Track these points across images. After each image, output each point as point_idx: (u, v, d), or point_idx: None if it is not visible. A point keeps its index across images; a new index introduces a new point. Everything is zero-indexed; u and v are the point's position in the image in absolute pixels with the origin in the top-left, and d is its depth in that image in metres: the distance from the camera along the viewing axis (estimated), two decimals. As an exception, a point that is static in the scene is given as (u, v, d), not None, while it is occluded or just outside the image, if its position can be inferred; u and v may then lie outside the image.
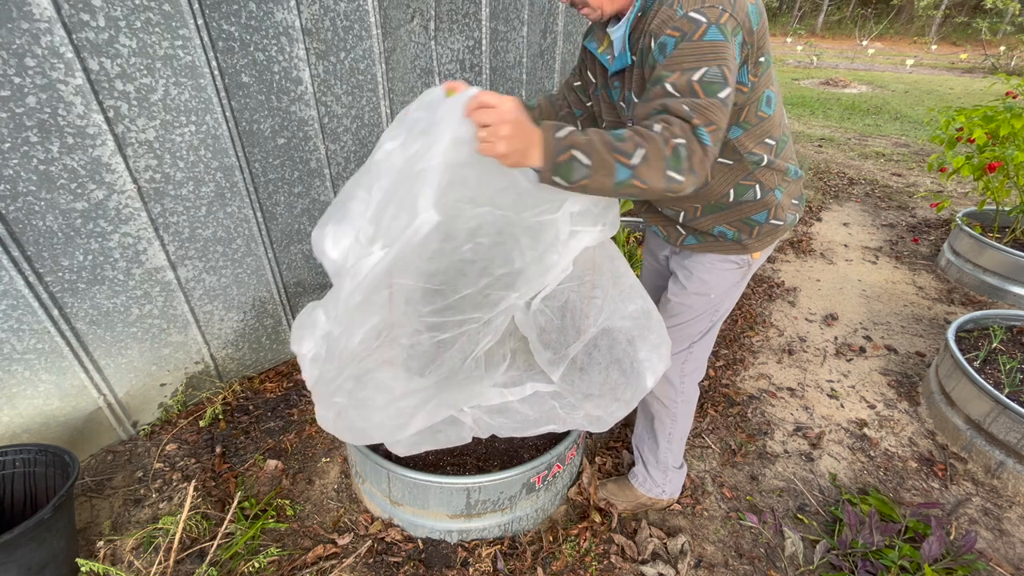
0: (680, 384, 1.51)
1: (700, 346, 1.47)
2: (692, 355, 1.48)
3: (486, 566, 1.54)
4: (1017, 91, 3.38)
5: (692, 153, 0.92)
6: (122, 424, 1.90)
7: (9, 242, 1.44)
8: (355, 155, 2.19)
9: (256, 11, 1.68)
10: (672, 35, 0.98)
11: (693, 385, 1.55)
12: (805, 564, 1.61)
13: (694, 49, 0.96)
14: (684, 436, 1.63)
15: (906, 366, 2.55)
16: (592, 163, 0.90)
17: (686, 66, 0.96)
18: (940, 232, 4.07)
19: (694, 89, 0.95)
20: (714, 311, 1.42)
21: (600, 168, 0.91)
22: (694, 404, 1.59)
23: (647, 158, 0.90)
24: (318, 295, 2.34)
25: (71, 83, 1.41)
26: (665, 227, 1.40)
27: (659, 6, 1.02)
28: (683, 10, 0.98)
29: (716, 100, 0.95)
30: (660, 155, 0.91)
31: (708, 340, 1.48)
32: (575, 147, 0.91)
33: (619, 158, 0.90)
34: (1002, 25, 16.77)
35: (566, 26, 3.18)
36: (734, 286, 1.40)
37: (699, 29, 0.96)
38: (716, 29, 0.96)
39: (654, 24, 1.02)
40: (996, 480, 1.91)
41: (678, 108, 0.94)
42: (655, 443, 1.64)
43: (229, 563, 1.50)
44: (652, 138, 0.92)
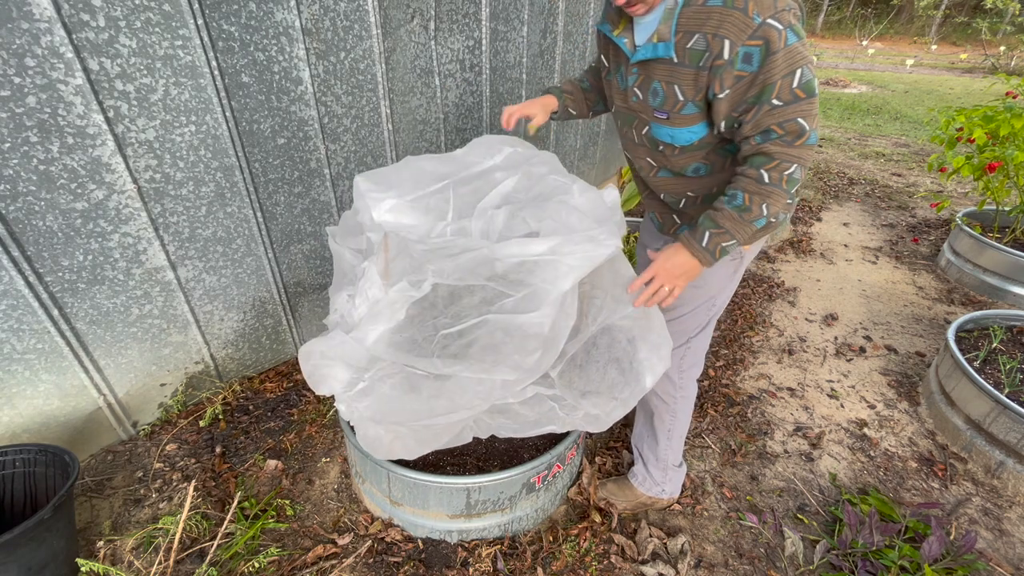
0: (679, 380, 1.52)
1: (698, 341, 1.48)
2: (690, 350, 1.49)
3: (486, 566, 1.54)
4: (1017, 91, 3.38)
5: (804, 163, 1.08)
6: (122, 424, 1.90)
7: (9, 242, 1.44)
8: (355, 155, 2.19)
9: (256, 11, 1.68)
10: (755, 44, 1.00)
11: (692, 381, 1.55)
12: (805, 564, 1.61)
13: (785, 57, 1.00)
14: (683, 433, 1.63)
15: (906, 366, 2.55)
16: (738, 238, 1.14)
17: (785, 73, 1.01)
18: (940, 232, 4.07)
19: (797, 95, 1.03)
20: (711, 305, 1.43)
21: (744, 236, 1.14)
22: (693, 400, 1.59)
23: (771, 204, 1.11)
24: (318, 295, 2.34)
25: (71, 83, 1.41)
26: (661, 214, 1.43)
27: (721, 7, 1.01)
28: (760, 17, 0.98)
29: (815, 96, 1.04)
30: (780, 193, 1.10)
31: (706, 335, 1.49)
32: (721, 242, 1.15)
33: (754, 220, 1.12)
34: (1002, 25, 16.77)
35: (566, 26, 3.18)
36: (729, 279, 1.41)
37: (781, 36, 0.99)
38: (792, 32, 1.00)
39: (723, 28, 1.01)
40: (996, 480, 1.91)
41: (791, 125, 1.05)
42: (655, 440, 1.64)
43: (229, 563, 1.50)
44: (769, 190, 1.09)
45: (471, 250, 1.15)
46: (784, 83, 1.02)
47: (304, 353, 1.27)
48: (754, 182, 1.10)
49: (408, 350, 1.19)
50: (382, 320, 1.20)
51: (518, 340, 1.11)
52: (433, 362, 1.15)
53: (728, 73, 1.04)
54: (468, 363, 1.13)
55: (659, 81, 1.15)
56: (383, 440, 1.27)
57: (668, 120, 1.19)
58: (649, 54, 1.13)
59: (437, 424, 1.19)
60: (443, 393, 1.16)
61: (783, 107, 1.03)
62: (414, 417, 1.18)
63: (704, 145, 1.21)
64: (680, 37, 1.07)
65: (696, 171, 1.28)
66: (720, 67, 1.04)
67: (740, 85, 1.05)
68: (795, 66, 1.00)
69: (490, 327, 1.12)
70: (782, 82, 1.01)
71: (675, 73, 1.11)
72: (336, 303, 1.36)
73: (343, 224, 1.45)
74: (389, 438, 1.26)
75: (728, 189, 1.16)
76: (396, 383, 1.22)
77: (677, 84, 1.12)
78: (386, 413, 1.21)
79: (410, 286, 1.18)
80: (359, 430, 1.31)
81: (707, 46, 1.03)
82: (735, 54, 1.01)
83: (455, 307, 1.21)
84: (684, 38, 1.06)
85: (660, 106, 1.18)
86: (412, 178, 1.30)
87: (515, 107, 1.47)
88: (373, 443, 1.29)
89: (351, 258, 1.39)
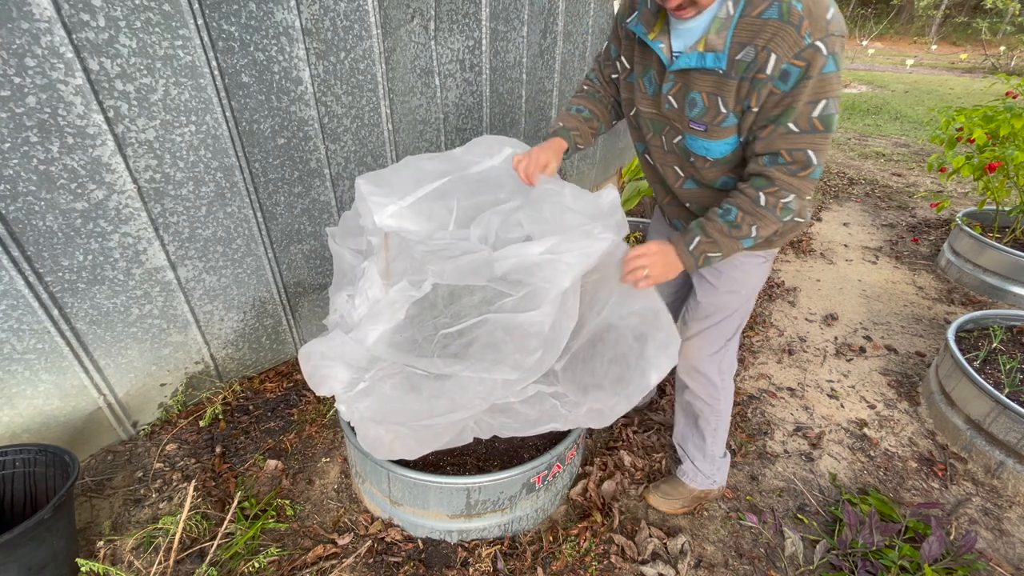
0: (720, 382, 1.55)
1: (734, 343, 1.52)
2: (728, 352, 1.52)
3: (486, 566, 1.54)
4: (1017, 91, 3.38)
5: (802, 195, 1.10)
6: (122, 424, 1.90)
7: (9, 242, 1.44)
8: (355, 155, 2.19)
9: (256, 11, 1.68)
10: (798, 65, 0.97)
11: (731, 380, 1.58)
12: (805, 564, 1.60)
13: (817, 84, 0.98)
14: (727, 427, 1.66)
15: (906, 366, 2.55)
16: (723, 252, 1.18)
17: (808, 100, 0.99)
18: (940, 232, 4.07)
19: (814, 125, 1.02)
20: (747, 306, 1.45)
21: (729, 250, 1.18)
22: (732, 395, 1.62)
23: (761, 227, 1.13)
24: (318, 295, 2.34)
25: (71, 83, 1.41)
26: (686, 220, 1.41)
27: (777, 21, 0.96)
28: (811, 38, 0.95)
29: (831, 132, 1.03)
30: (772, 219, 1.12)
31: (738, 336, 1.52)
32: (707, 251, 1.17)
33: (742, 238, 1.15)
34: (1002, 25, 16.76)
35: (566, 26, 3.18)
36: (761, 278, 1.43)
37: (822, 62, 0.96)
38: (833, 61, 0.97)
39: (774, 42, 0.97)
40: (996, 480, 1.91)
41: (800, 155, 1.04)
42: (701, 439, 1.67)
43: (229, 563, 1.50)
44: (762, 214, 1.11)
45: (471, 252, 1.15)
46: (805, 110, 1.00)
47: (304, 354, 1.27)
48: (750, 202, 1.11)
49: (408, 350, 1.19)
50: (382, 320, 1.20)
51: (518, 339, 1.11)
52: (433, 362, 1.15)
53: (765, 88, 1.02)
54: (468, 362, 1.13)
55: (699, 92, 1.10)
56: (384, 440, 1.28)
57: (706, 132, 1.15)
58: (694, 63, 1.07)
59: (438, 424, 1.19)
60: (444, 393, 1.16)
61: (798, 134, 1.03)
62: (415, 417, 1.18)
63: (736, 158, 1.19)
64: (732, 49, 1.02)
65: (724, 184, 1.26)
66: (761, 81, 1.01)
67: (770, 101, 1.03)
68: (821, 96, 0.99)
69: (490, 326, 1.12)
70: (803, 108, 1.00)
71: (721, 85, 1.06)
72: (336, 303, 1.37)
73: (343, 225, 1.45)
74: (390, 438, 1.27)
75: (724, 202, 1.16)
76: (396, 383, 1.22)
77: (721, 96, 1.07)
78: (387, 413, 1.21)
79: (410, 286, 1.18)
80: (360, 430, 1.31)
81: (754, 58, 1.00)
82: (777, 70, 0.99)
83: (455, 307, 1.21)
84: (735, 49, 1.02)
85: (699, 117, 1.14)
86: (413, 178, 1.30)
87: (527, 160, 1.30)
88: (374, 443, 1.30)
89: (351, 258, 1.39)
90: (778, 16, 0.97)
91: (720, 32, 1.03)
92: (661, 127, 1.26)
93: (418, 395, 1.19)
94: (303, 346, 1.29)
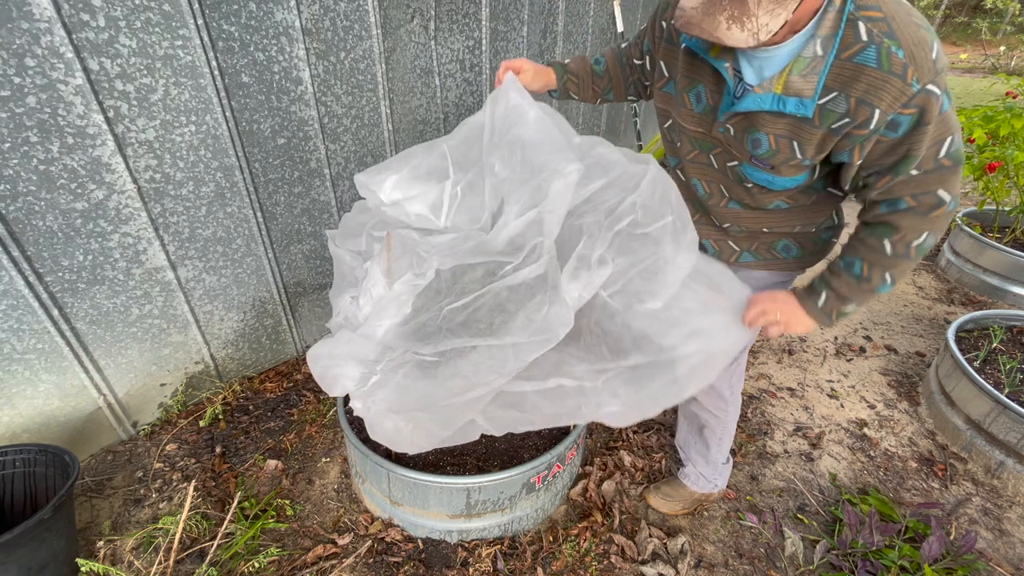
0: (730, 395, 1.52)
1: (744, 356, 1.49)
2: (739, 366, 1.49)
3: (486, 566, 1.54)
4: (1017, 91, 3.38)
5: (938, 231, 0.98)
6: (122, 424, 1.90)
7: (9, 242, 1.44)
8: (355, 155, 2.19)
9: (256, 11, 1.68)
10: (909, 113, 0.86)
11: (739, 393, 1.56)
12: (805, 564, 1.60)
13: (937, 126, 0.88)
14: (732, 436, 1.65)
15: (906, 366, 2.55)
16: (858, 303, 1.07)
17: (932, 143, 0.89)
18: (940, 232, 4.07)
19: (942, 164, 0.91)
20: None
21: (863, 301, 1.07)
22: (739, 407, 1.60)
23: (898, 273, 1.02)
24: (318, 295, 2.34)
25: (71, 83, 1.41)
26: (718, 242, 1.30)
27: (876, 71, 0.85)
28: (919, 84, 0.84)
29: (963, 162, 0.93)
30: (908, 263, 1.01)
31: (748, 349, 1.50)
32: (840, 306, 1.07)
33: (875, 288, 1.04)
34: (1002, 25, 16.76)
35: (566, 26, 3.18)
36: None
37: (938, 103, 0.86)
38: (947, 97, 0.87)
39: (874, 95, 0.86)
40: (996, 480, 1.91)
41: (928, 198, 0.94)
42: (705, 447, 1.65)
43: (229, 563, 1.50)
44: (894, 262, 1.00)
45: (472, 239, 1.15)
46: (930, 153, 0.89)
47: (312, 356, 1.27)
48: (876, 253, 1.00)
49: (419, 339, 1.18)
50: (389, 314, 1.19)
51: (523, 295, 1.09)
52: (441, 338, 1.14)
53: (869, 141, 0.91)
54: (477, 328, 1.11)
55: (766, 134, 0.98)
56: (403, 432, 1.24)
57: (773, 170, 1.04)
58: (768, 106, 0.94)
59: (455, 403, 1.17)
60: (458, 372, 1.14)
61: (921, 176, 0.92)
62: (432, 401, 1.16)
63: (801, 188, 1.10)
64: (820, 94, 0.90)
65: (776, 207, 1.16)
66: (861, 136, 0.90)
67: (877, 149, 0.92)
68: (945, 135, 0.89)
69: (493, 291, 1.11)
70: (928, 152, 0.89)
71: (799, 131, 0.95)
72: (339, 306, 1.36)
73: (343, 227, 1.44)
74: (409, 428, 1.24)
75: (847, 253, 1.06)
76: (408, 371, 1.21)
77: (798, 141, 0.96)
78: (403, 402, 1.19)
79: (414, 277, 1.17)
80: (376, 426, 1.27)
81: (848, 111, 0.89)
82: (882, 123, 0.88)
83: (459, 285, 1.20)
84: (823, 94, 0.90)
85: (765, 157, 1.02)
86: (405, 156, 1.29)
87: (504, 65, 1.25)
88: (393, 436, 1.25)
89: (351, 261, 1.39)
90: (876, 64, 0.84)
91: (807, 75, 0.90)
92: (710, 147, 1.13)
93: (432, 379, 1.17)
94: (310, 349, 1.28)
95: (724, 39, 0.82)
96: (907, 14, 0.87)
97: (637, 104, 3.89)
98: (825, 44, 0.88)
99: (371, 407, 1.24)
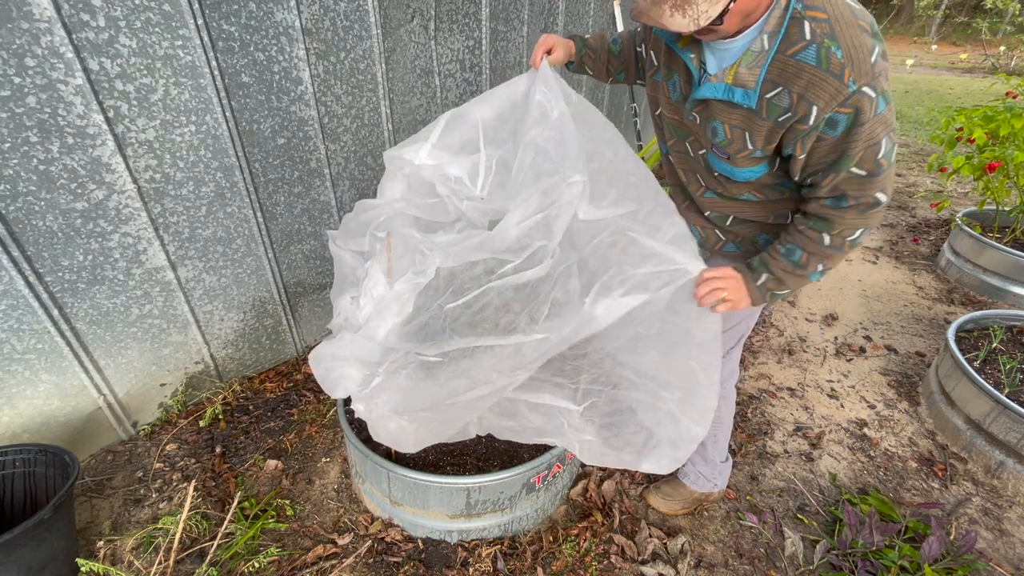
0: (721, 391, 1.52)
1: (736, 352, 1.49)
2: (730, 362, 1.49)
3: (486, 566, 1.54)
4: (1017, 91, 3.38)
5: (870, 226, 1.05)
6: (122, 424, 1.90)
7: (9, 242, 1.44)
8: (355, 155, 2.19)
9: (256, 11, 1.68)
10: (845, 112, 0.92)
11: (732, 387, 1.56)
12: (805, 564, 1.60)
13: (872, 128, 0.93)
14: (728, 433, 1.65)
15: (906, 366, 2.55)
16: (790, 287, 1.13)
17: (868, 144, 0.94)
18: (940, 232, 4.07)
19: (880, 164, 0.97)
20: (749, 319, 1.42)
21: (796, 286, 1.14)
22: (734, 403, 1.61)
23: (829, 263, 1.09)
24: (318, 295, 2.34)
25: (71, 83, 1.41)
26: (704, 229, 1.37)
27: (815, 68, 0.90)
28: (856, 84, 0.89)
29: (894, 163, 0.98)
30: (840, 255, 1.08)
31: (740, 347, 1.49)
32: (775, 288, 1.14)
33: (808, 275, 1.11)
34: (1002, 25, 16.75)
35: (566, 26, 3.18)
36: None
37: (873, 105, 0.91)
38: (883, 99, 0.92)
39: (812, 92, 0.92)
40: (996, 480, 1.91)
41: (868, 199, 1.00)
42: (702, 446, 1.65)
43: (229, 563, 1.50)
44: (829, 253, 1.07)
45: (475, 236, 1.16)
46: (868, 153, 0.95)
47: (315, 358, 1.26)
48: (814, 244, 1.06)
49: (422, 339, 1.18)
50: (391, 314, 1.20)
51: (527, 297, 1.10)
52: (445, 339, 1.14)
53: (810, 138, 0.97)
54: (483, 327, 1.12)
55: (722, 123, 1.06)
56: (408, 431, 1.24)
57: (729, 160, 1.11)
58: (720, 95, 1.02)
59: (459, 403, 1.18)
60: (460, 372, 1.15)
61: (865, 178, 0.98)
62: (435, 401, 1.17)
63: (764, 181, 1.16)
64: (763, 87, 0.97)
65: (748, 199, 1.23)
66: (803, 131, 0.96)
67: (820, 147, 0.98)
68: (880, 136, 0.94)
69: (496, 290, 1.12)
70: (865, 152, 0.95)
71: (750, 122, 1.02)
72: (339, 306, 1.36)
73: (344, 227, 1.44)
74: (414, 427, 1.24)
75: (786, 241, 1.11)
76: (411, 372, 1.21)
77: (749, 132, 1.03)
78: (407, 403, 1.20)
79: (415, 275, 1.18)
80: (379, 427, 1.28)
81: (790, 106, 0.95)
82: (821, 120, 0.93)
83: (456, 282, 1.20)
84: (766, 87, 0.96)
85: (721, 146, 1.10)
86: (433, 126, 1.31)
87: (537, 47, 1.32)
88: (398, 437, 1.26)
89: (352, 261, 1.39)
90: (815, 62, 0.90)
91: (752, 68, 0.96)
92: (685, 135, 1.21)
93: (435, 379, 1.18)
94: (313, 351, 1.28)
95: (668, 25, 0.88)
96: (852, 17, 0.91)
97: (637, 104, 3.89)
98: (770, 39, 0.94)
99: (373, 409, 1.24)
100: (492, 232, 1.14)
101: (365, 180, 2.27)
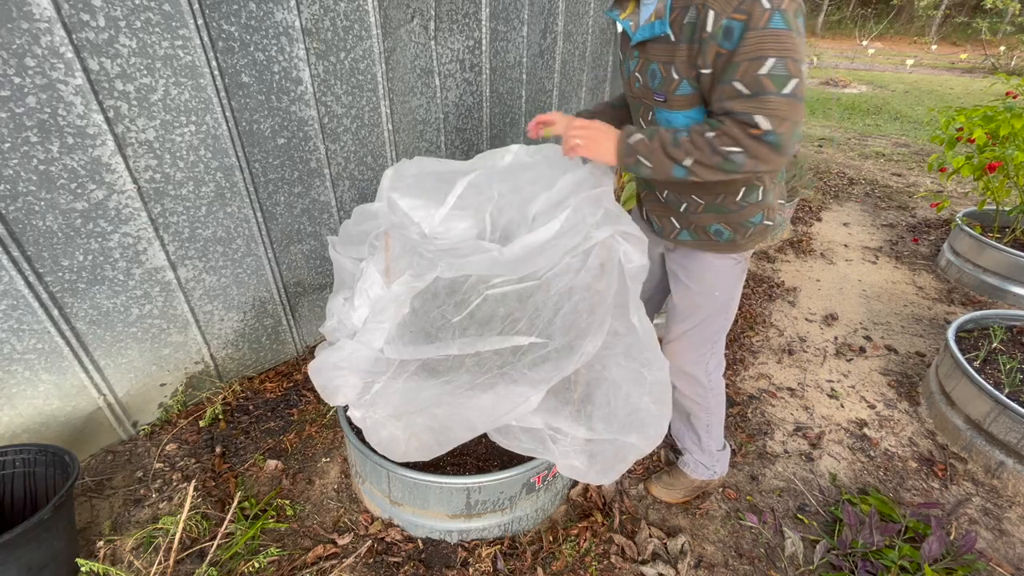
0: (708, 382, 1.54)
1: (720, 343, 1.51)
2: (715, 354, 1.51)
3: (486, 566, 1.54)
4: (1017, 91, 3.38)
5: (755, 157, 1.00)
6: (122, 424, 1.90)
7: (9, 242, 1.44)
8: (355, 155, 2.19)
9: (256, 11, 1.68)
10: (738, 19, 0.93)
11: (719, 378, 1.58)
12: (805, 564, 1.60)
13: (760, 38, 0.93)
14: (721, 422, 1.67)
15: (906, 366, 2.55)
16: (652, 164, 1.10)
17: (753, 56, 0.94)
18: (940, 232, 4.07)
19: (763, 84, 0.95)
20: (726, 308, 1.44)
21: (659, 168, 1.09)
22: (723, 392, 1.62)
23: (699, 162, 1.04)
24: (318, 295, 2.34)
25: (71, 83, 1.41)
26: (660, 217, 1.41)
27: None
28: None
29: (785, 96, 0.94)
30: (711, 162, 1.03)
31: (723, 336, 1.51)
32: (639, 153, 1.10)
33: (673, 161, 1.07)
34: (1002, 25, 16.75)
35: (566, 26, 3.18)
36: (737, 280, 1.41)
37: (764, 15, 0.92)
38: (781, 17, 0.92)
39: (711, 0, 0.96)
40: (996, 480, 1.91)
41: (745, 116, 0.97)
42: (696, 436, 1.68)
43: (229, 563, 1.50)
44: (703, 146, 1.03)
45: (482, 252, 1.16)
46: (751, 67, 0.94)
47: (315, 368, 1.26)
48: (699, 135, 1.04)
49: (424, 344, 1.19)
50: (387, 316, 1.20)
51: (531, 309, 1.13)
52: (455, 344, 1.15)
53: (711, 48, 0.98)
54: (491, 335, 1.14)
55: (656, 62, 1.11)
56: (399, 440, 1.26)
57: (665, 103, 1.15)
58: (647, 34, 1.09)
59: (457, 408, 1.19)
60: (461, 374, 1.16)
61: (748, 97, 0.97)
62: (435, 401, 1.17)
63: None
64: (676, 13, 1.02)
65: None
66: (705, 40, 0.99)
67: (719, 63, 1.00)
68: (768, 52, 0.93)
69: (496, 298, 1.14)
70: (748, 65, 0.94)
71: (672, 52, 1.06)
72: (332, 308, 1.36)
73: (343, 233, 1.45)
74: (405, 437, 1.25)
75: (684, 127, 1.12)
76: (410, 377, 1.22)
77: (674, 64, 1.07)
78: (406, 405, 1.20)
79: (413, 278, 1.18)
80: (372, 433, 1.29)
81: (696, 16, 0.99)
82: (718, 27, 0.96)
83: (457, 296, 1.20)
84: (680, 13, 1.02)
85: (659, 88, 1.14)
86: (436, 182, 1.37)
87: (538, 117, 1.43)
88: (388, 444, 1.27)
89: (352, 267, 1.39)
90: None
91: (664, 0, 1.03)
92: (638, 108, 1.26)
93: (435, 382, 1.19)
94: (313, 360, 1.27)
95: None
96: None
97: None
98: None
99: (369, 416, 1.25)
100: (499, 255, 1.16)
101: (365, 180, 2.28)
